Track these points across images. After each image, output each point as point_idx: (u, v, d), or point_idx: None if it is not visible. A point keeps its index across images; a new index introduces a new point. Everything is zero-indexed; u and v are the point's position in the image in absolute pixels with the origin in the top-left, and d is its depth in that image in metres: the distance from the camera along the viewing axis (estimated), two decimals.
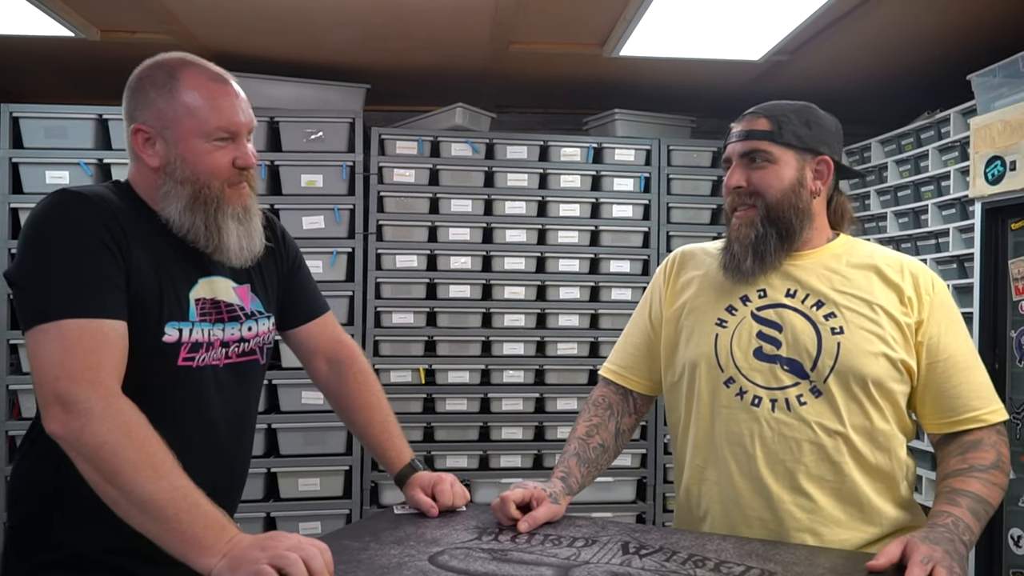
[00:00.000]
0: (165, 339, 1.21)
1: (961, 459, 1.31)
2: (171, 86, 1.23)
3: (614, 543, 1.24)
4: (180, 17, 2.79)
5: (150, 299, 1.19)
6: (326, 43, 3.06)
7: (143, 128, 1.24)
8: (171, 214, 1.25)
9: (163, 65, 1.26)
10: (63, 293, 1.12)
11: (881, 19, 2.73)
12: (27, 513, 1.24)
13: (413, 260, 3.32)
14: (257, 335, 1.35)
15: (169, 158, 1.24)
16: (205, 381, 1.26)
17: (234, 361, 1.31)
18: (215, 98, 1.24)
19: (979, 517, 1.25)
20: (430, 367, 3.32)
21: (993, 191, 2.49)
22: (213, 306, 1.28)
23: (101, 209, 1.18)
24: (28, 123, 3.08)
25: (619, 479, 3.41)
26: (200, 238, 1.25)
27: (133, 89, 1.27)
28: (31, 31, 2.86)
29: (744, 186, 1.39)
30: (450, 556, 1.17)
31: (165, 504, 1.03)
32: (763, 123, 1.39)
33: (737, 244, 1.39)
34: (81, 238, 1.15)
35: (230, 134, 1.26)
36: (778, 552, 1.22)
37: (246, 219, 1.29)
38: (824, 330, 1.34)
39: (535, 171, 3.40)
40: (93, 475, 1.06)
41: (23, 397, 3.05)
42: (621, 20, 2.77)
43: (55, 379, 1.08)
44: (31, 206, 2.99)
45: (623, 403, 1.55)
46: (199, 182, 1.24)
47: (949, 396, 1.33)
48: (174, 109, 1.23)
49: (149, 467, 1.05)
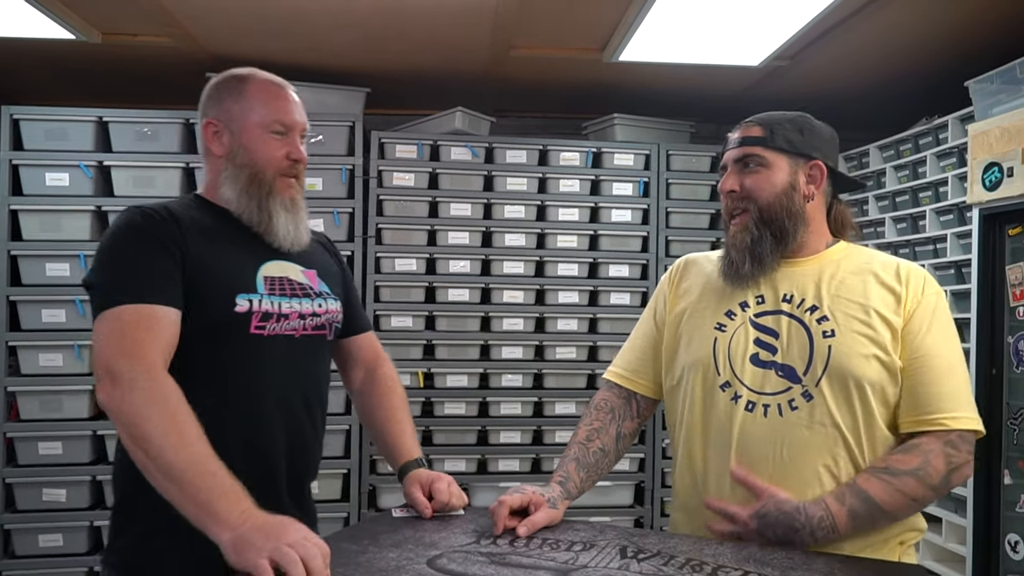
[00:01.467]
0: (236, 309, 1.36)
1: (884, 459, 1.32)
2: (240, 89, 1.46)
3: (612, 547, 1.25)
4: (181, 20, 2.80)
5: (220, 277, 1.36)
6: (326, 46, 3.07)
7: (213, 121, 1.45)
8: (229, 196, 1.44)
9: (235, 74, 1.50)
10: (123, 285, 1.29)
11: (879, 25, 2.75)
12: (124, 492, 1.38)
13: (412, 264, 3.32)
14: (328, 312, 1.50)
15: (232, 147, 1.44)
16: (277, 349, 1.41)
17: (309, 333, 1.47)
18: (275, 98, 1.46)
19: (858, 520, 1.28)
20: (429, 371, 3.32)
21: (991, 197, 2.50)
22: (282, 283, 1.44)
23: (159, 216, 1.36)
24: (28, 125, 3.09)
25: (617, 483, 3.41)
26: (253, 218, 1.43)
27: (208, 93, 1.49)
28: (32, 33, 2.87)
29: (737, 190, 1.42)
30: (448, 559, 1.17)
31: (184, 469, 1.14)
32: (756, 130, 1.42)
33: (734, 250, 1.42)
34: (138, 241, 1.33)
35: (285, 127, 1.45)
36: (775, 557, 1.22)
37: (293, 209, 1.47)
38: (816, 334, 1.35)
39: (534, 175, 3.41)
40: (127, 440, 1.20)
41: (22, 399, 3.04)
42: (621, 25, 2.78)
43: (109, 355, 1.23)
44: (31, 208, 3.04)
45: (626, 407, 1.55)
46: (256, 167, 1.43)
47: (918, 395, 1.32)
48: (240, 106, 1.44)
49: (175, 435, 1.17)
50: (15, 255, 3.06)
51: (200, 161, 3.23)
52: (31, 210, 3.08)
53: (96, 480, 3.06)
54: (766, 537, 1.28)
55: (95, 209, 3.10)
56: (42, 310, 3.05)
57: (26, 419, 3.05)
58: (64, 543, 3.03)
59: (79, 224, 3.09)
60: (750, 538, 1.29)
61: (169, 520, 1.18)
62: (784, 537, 1.27)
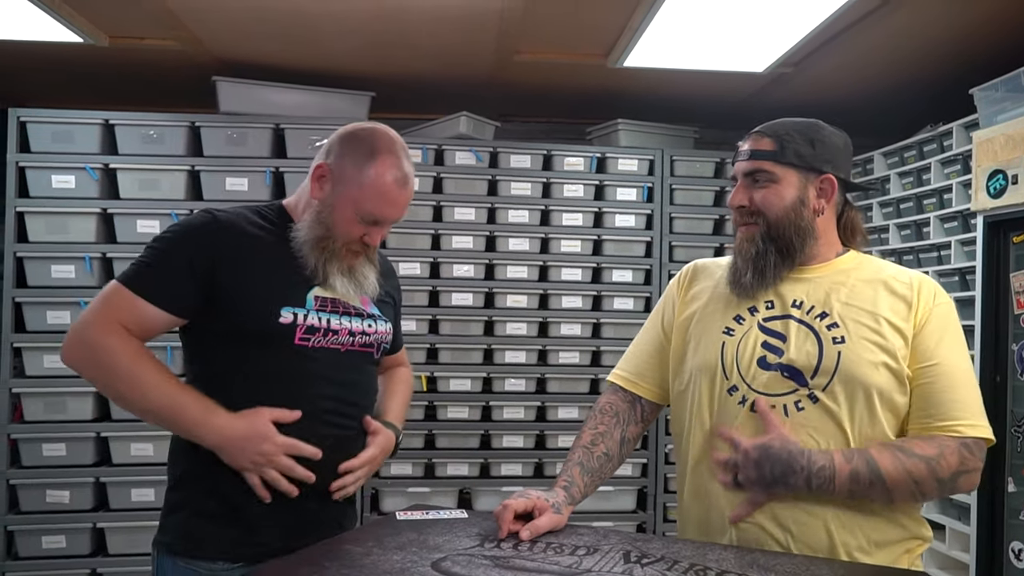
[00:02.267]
0: (281, 320, 1.43)
1: (902, 439, 1.33)
2: (364, 162, 1.45)
3: (616, 552, 1.25)
4: (187, 24, 2.82)
5: (268, 287, 1.44)
6: (332, 51, 3.09)
7: (326, 170, 1.48)
8: (299, 235, 1.48)
9: (371, 139, 1.47)
10: (135, 270, 1.43)
11: (884, 32, 2.75)
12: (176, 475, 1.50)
13: (416, 268, 3.33)
14: (377, 332, 1.56)
15: (326, 200, 1.47)
16: (322, 361, 1.47)
17: (356, 350, 1.52)
18: (385, 195, 1.45)
19: (857, 483, 1.28)
20: (432, 374, 3.32)
21: (995, 204, 2.50)
22: (335, 303, 1.50)
23: (209, 227, 1.45)
24: (35, 127, 3.10)
25: (620, 488, 3.40)
26: (310, 269, 1.47)
27: (342, 138, 1.50)
28: (40, 37, 2.89)
29: (747, 205, 1.42)
30: (452, 562, 1.17)
31: (156, 411, 1.39)
32: (767, 143, 1.41)
33: (739, 258, 1.43)
34: (169, 242, 1.44)
35: (378, 222, 1.48)
36: (779, 562, 1.22)
37: (348, 273, 1.50)
38: (826, 340, 1.35)
39: (538, 180, 3.41)
40: (105, 393, 1.47)
41: (26, 401, 3.05)
42: (626, 31, 2.79)
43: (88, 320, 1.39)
44: (37, 210, 3.05)
45: (630, 411, 1.55)
46: (329, 232, 1.47)
47: (931, 403, 1.32)
48: (353, 177, 1.45)
49: (136, 386, 1.38)
50: (21, 257, 3.07)
51: (205, 165, 3.26)
52: (37, 212, 3.09)
53: (99, 482, 3.06)
54: (762, 472, 1.28)
55: (101, 211, 3.11)
56: (47, 312, 3.06)
57: (30, 420, 3.06)
58: (67, 545, 3.03)
59: (85, 226, 3.10)
60: (747, 472, 1.29)
61: (215, 501, 1.42)
62: (780, 476, 1.28)
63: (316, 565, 1.15)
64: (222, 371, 1.46)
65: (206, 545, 1.43)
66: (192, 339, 1.49)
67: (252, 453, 1.37)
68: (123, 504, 3.06)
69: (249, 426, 1.38)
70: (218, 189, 3.17)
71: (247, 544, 1.42)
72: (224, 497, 1.43)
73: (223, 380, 1.44)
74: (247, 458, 1.38)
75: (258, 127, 3.20)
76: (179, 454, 1.48)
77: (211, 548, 1.42)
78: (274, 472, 1.39)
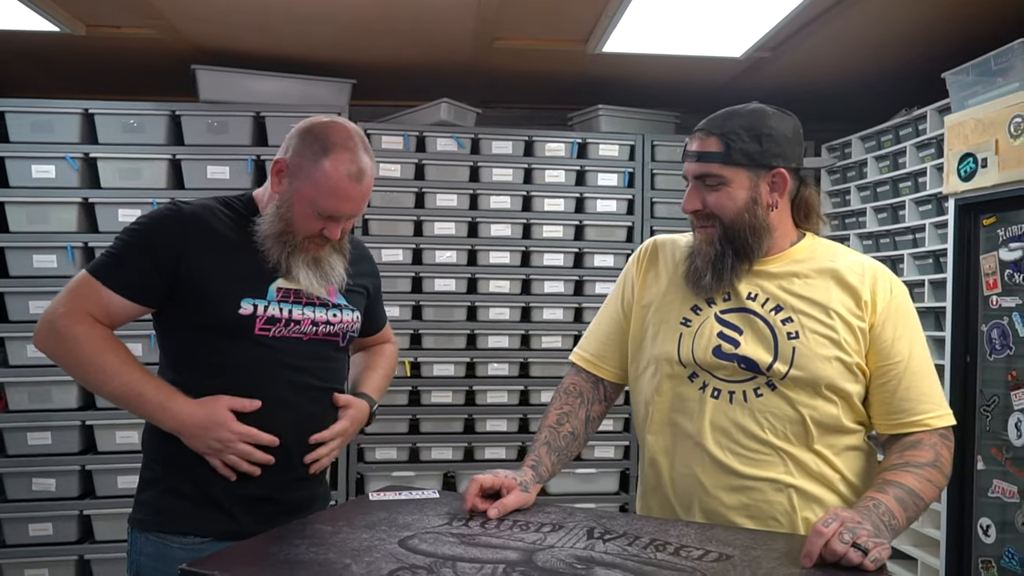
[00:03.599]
0: (240, 311, 1.47)
1: (899, 456, 1.36)
2: (318, 157, 1.47)
3: (580, 528, 1.28)
4: (165, 12, 2.81)
5: (229, 279, 1.47)
6: (312, 38, 3.09)
7: (283, 164, 1.51)
8: (261, 229, 1.50)
9: (327, 134, 1.49)
10: (102, 261, 1.48)
11: (861, 16, 2.77)
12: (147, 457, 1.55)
13: (399, 254, 3.35)
14: (343, 322, 1.59)
15: (284, 198, 1.50)
16: (284, 350, 1.51)
17: (319, 339, 1.55)
18: (338, 190, 1.47)
19: (906, 507, 1.28)
20: (415, 360, 3.35)
21: (965, 187, 2.54)
22: (297, 293, 1.52)
23: (174, 219, 1.48)
24: (14, 117, 3.10)
25: (602, 471, 3.45)
26: (273, 261, 1.50)
27: (299, 133, 1.52)
28: (17, 26, 2.88)
29: (700, 208, 1.41)
30: (420, 540, 1.20)
31: (119, 396, 1.45)
32: (713, 143, 1.39)
33: (699, 258, 1.43)
34: (136, 234, 1.48)
35: (335, 217, 1.49)
36: (737, 537, 1.26)
37: (314, 265, 1.52)
38: (781, 334, 1.39)
39: (520, 166, 3.43)
40: (74, 378, 1.53)
41: (10, 390, 3.07)
42: (603, 17, 2.80)
43: (56, 307, 1.45)
44: (18, 200, 3.06)
45: (593, 391, 1.58)
46: (289, 227, 1.49)
47: (897, 399, 1.38)
48: (308, 172, 1.47)
49: (100, 372, 1.44)
50: (2, 247, 3.08)
51: (186, 153, 3.26)
52: (18, 202, 3.09)
53: (85, 470, 3.09)
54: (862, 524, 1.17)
55: (82, 201, 3.11)
56: (29, 302, 3.07)
57: (15, 410, 3.07)
58: (54, 532, 3.06)
59: (66, 216, 3.11)
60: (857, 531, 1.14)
61: (187, 481, 1.47)
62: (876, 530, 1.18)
63: (286, 543, 1.18)
64: (189, 358, 1.50)
65: (177, 520, 1.47)
66: (162, 327, 1.53)
67: (210, 439, 1.42)
68: (109, 491, 3.08)
69: (207, 414, 1.43)
70: (200, 177, 3.17)
71: (218, 522, 1.46)
72: (196, 478, 1.47)
73: (190, 367, 1.49)
74: (205, 444, 1.43)
75: (239, 115, 3.20)
76: (152, 435, 1.52)
77: (182, 523, 1.47)
78: (233, 457, 1.44)
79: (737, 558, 1.16)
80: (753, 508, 1.38)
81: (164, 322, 1.52)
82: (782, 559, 1.16)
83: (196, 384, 1.46)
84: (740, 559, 1.16)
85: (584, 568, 1.11)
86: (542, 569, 1.09)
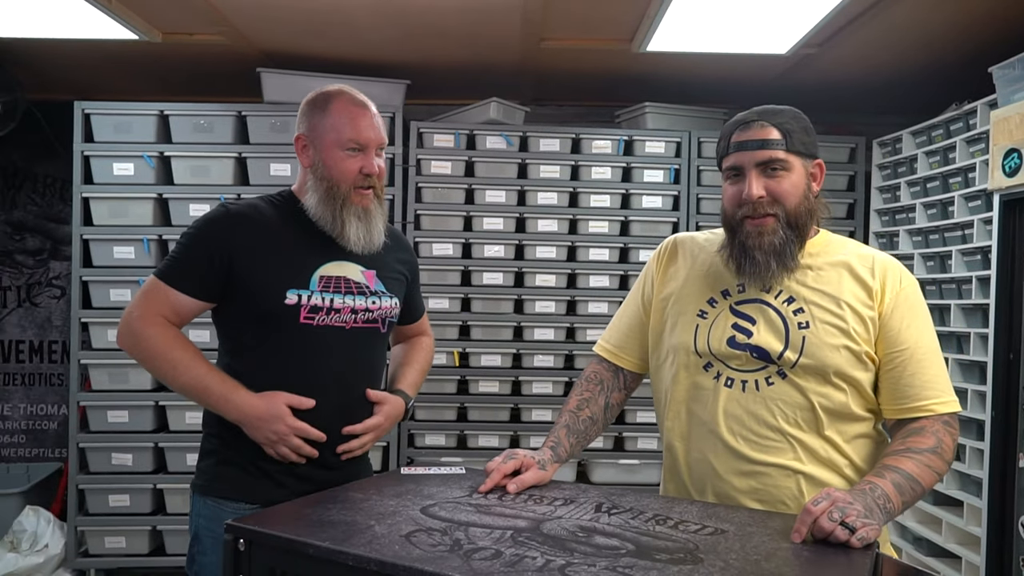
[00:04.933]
0: (286, 301, 1.60)
1: (902, 442, 1.41)
2: (324, 108, 1.64)
3: (590, 503, 1.38)
4: (232, 20, 3.01)
5: (274, 272, 1.60)
6: (368, 41, 3.24)
7: (301, 137, 1.66)
8: (310, 204, 1.64)
9: (323, 93, 1.66)
10: (165, 265, 1.64)
11: (907, 10, 2.76)
12: (206, 432, 1.71)
13: (449, 248, 3.48)
14: (381, 308, 1.70)
15: (315, 161, 1.64)
16: (327, 338, 1.63)
17: (360, 326, 1.67)
18: (352, 117, 1.62)
19: (903, 491, 1.33)
20: (464, 351, 3.48)
21: (1011, 183, 2.51)
22: (338, 282, 1.64)
23: (224, 220, 1.62)
24: (98, 119, 3.36)
25: (645, 462, 3.52)
26: (328, 225, 1.63)
27: (301, 109, 1.68)
28: (101, 35, 3.12)
29: (765, 195, 1.44)
30: (440, 508, 1.32)
31: (188, 389, 1.60)
32: (774, 132, 1.44)
33: (759, 252, 1.44)
34: (192, 236, 1.63)
35: (359, 145, 1.63)
36: (738, 515, 1.34)
37: (366, 218, 1.65)
38: (792, 324, 1.45)
39: (567, 163, 3.52)
40: (150, 372, 1.71)
41: (93, 372, 3.33)
42: (646, 17, 2.86)
43: (132, 310, 1.62)
44: (101, 196, 3.31)
45: (614, 379, 1.67)
46: (332, 180, 1.62)
47: (903, 385, 1.43)
48: (323, 125, 1.63)
49: (171, 368, 1.59)
50: (87, 239, 3.34)
51: (251, 152, 3.47)
52: (101, 197, 3.35)
53: (158, 447, 3.33)
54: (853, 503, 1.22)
55: (157, 196, 3.35)
56: (110, 290, 3.33)
57: (97, 389, 3.34)
58: (131, 503, 3.31)
59: (143, 211, 3.35)
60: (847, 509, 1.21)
61: (240, 454, 1.61)
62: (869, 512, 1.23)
63: (320, 506, 1.31)
64: (244, 348, 1.65)
65: (231, 488, 1.63)
66: (220, 320, 1.69)
67: (267, 431, 1.56)
68: (180, 467, 3.32)
69: (267, 408, 1.56)
70: (263, 175, 3.37)
71: (267, 491, 1.60)
72: (249, 452, 1.62)
73: (245, 356, 1.64)
74: (263, 434, 1.57)
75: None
76: (212, 414, 1.67)
77: (235, 491, 1.63)
78: (284, 448, 1.58)
79: (731, 533, 1.24)
80: (763, 492, 1.45)
81: (221, 314, 1.67)
82: (774, 535, 1.23)
83: (250, 373, 1.60)
84: (734, 534, 1.24)
85: (585, 536, 1.20)
86: (546, 536, 1.20)
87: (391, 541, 1.14)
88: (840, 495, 1.24)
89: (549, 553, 1.11)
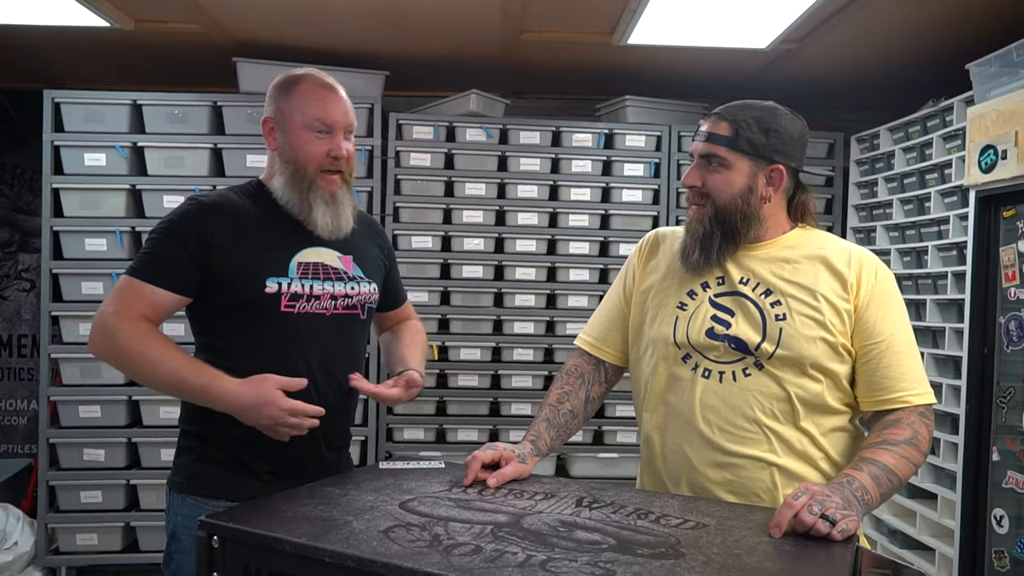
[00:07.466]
0: (266, 290, 1.57)
1: (878, 434, 1.42)
2: (291, 90, 1.61)
3: (570, 497, 1.37)
4: (207, 8, 2.95)
5: (253, 261, 1.57)
6: (346, 31, 3.20)
7: (268, 119, 1.64)
8: (276, 187, 1.62)
9: (290, 76, 1.65)
10: (138, 261, 1.58)
11: (886, 7, 2.77)
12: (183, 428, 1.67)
13: (428, 241, 3.46)
14: (360, 294, 1.68)
15: (282, 144, 1.61)
16: (309, 326, 1.61)
17: (340, 313, 1.65)
18: (319, 99, 1.60)
19: (880, 483, 1.34)
20: (443, 344, 3.46)
21: (986, 179, 2.54)
22: (315, 268, 1.62)
23: (198, 212, 1.58)
24: (68, 108, 3.28)
25: (624, 455, 3.52)
26: (295, 209, 1.61)
27: (269, 92, 1.65)
28: (71, 22, 3.05)
29: (698, 186, 1.49)
30: (419, 502, 1.30)
31: (165, 385, 1.53)
32: (724, 127, 1.46)
33: (688, 237, 1.52)
34: (166, 230, 1.58)
35: (327, 127, 1.59)
36: (718, 509, 1.33)
37: (332, 203, 1.62)
38: (769, 316, 1.45)
39: (547, 156, 3.51)
40: (128, 375, 1.61)
41: (64, 366, 3.27)
42: (626, 10, 2.85)
43: (105, 308, 1.54)
44: (71, 187, 3.25)
45: (595, 373, 1.67)
46: (298, 163, 1.60)
47: (879, 377, 1.44)
48: (290, 107, 1.60)
49: (148, 363, 1.51)
50: (57, 231, 3.28)
51: (227, 143, 3.41)
52: (71, 188, 3.28)
53: (131, 442, 3.27)
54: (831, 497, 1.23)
55: (130, 188, 3.29)
56: (81, 282, 3.27)
57: (68, 384, 3.27)
58: (103, 500, 3.26)
59: (115, 202, 3.29)
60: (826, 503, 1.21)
61: (219, 450, 1.59)
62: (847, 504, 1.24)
63: (296, 501, 1.29)
64: (223, 341, 1.61)
65: (209, 485, 1.60)
66: (196, 315, 1.64)
67: (262, 417, 1.49)
68: (154, 463, 3.27)
69: (257, 393, 1.49)
70: (239, 166, 3.32)
71: (246, 487, 1.57)
72: (228, 447, 1.59)
73: (224, 348, 1.60)
74: (257, 421, 1.50)
75: None
76: (189, 408, 1.64)
77: (214, 488, 1.59)
78: (284, 430, 1.52)
79: (713, 527, 1.24)
80: (737, 484, 1.45)
81: (197, 309, 1.62)
82: (755, 529, 1.23)
83: (232, 365, 1.54)
84: (715, 528, 1.23)
85: (566, 531, 1.19)
86: (526, 531, 1.18)
87: (369, 537, 1.12)
88: (818, 489, 1.24)
89: (530, 548, 1.10)
